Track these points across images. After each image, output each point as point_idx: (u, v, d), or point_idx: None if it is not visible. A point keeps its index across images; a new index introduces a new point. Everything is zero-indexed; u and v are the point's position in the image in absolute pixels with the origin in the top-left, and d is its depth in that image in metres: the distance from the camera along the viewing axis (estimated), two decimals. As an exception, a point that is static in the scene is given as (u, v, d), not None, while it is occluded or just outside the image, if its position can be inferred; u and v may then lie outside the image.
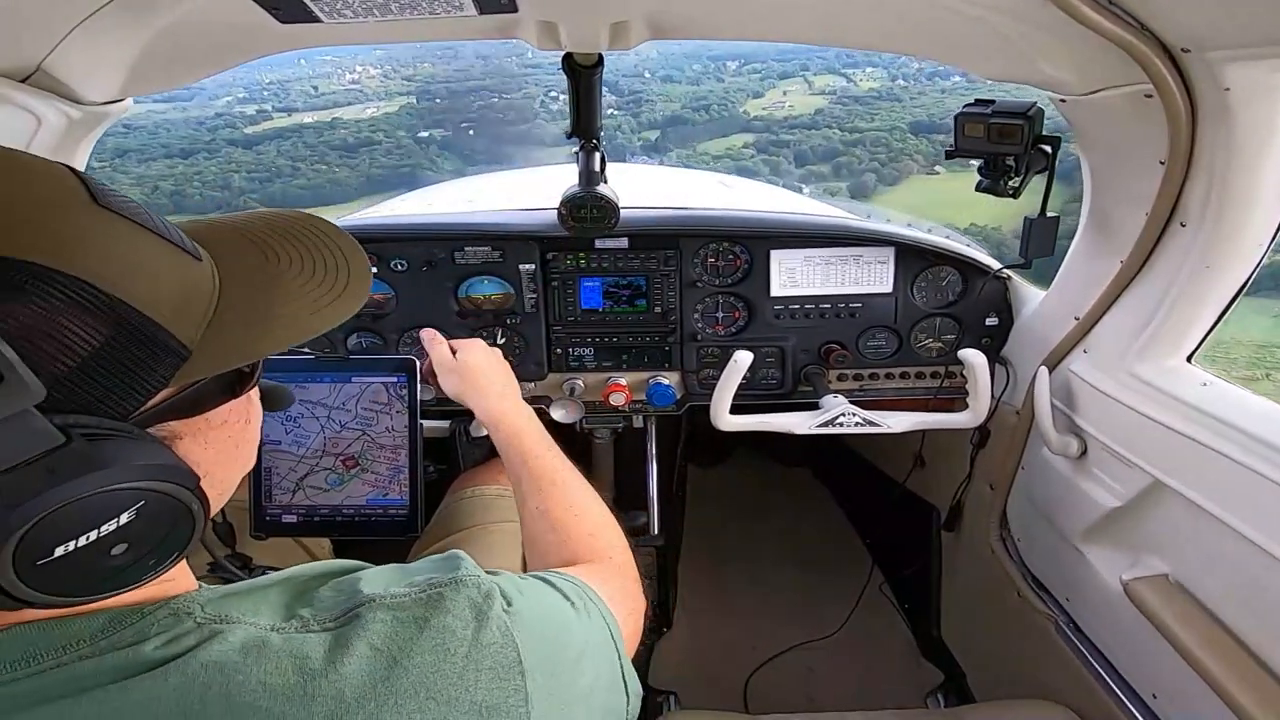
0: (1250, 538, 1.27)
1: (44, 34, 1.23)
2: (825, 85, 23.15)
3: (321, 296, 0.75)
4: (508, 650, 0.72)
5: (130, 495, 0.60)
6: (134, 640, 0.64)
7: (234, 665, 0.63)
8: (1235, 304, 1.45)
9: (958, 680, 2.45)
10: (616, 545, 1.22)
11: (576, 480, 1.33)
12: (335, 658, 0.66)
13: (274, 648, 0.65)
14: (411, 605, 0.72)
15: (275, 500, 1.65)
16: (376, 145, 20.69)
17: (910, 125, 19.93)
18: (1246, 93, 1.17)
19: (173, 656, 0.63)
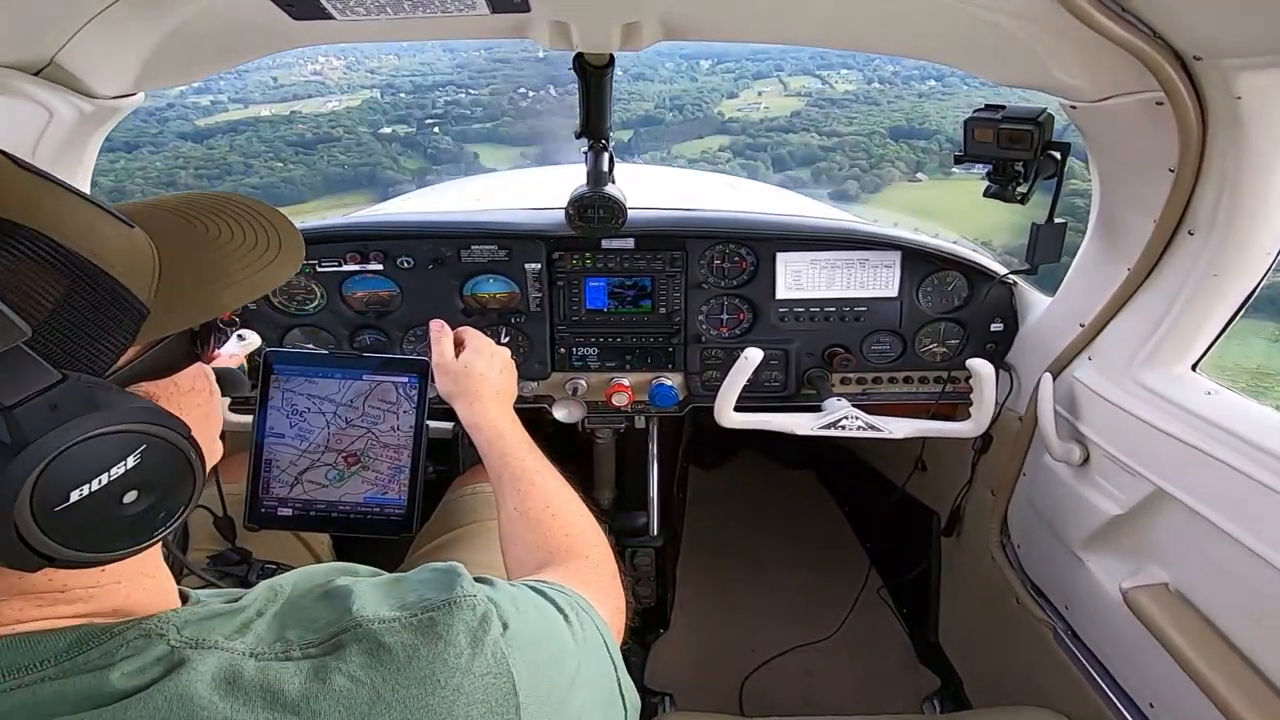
0: (1252, 548, 1.27)
1: (58, 27, 1.23)
2: (800, 86, 22.56)
3: (260, 259, 0.76)
4: (502, 681, 0.69)
5: (133, 438, 0.62)
6: (101, 664, 0.62)
7: (200, 700, 0.60)
8: (1242, 313, 1.45)
9: (954, 686, 2.45)
10: (594, 543, 1.21)
11: (556, 481, 1.33)
12: (311, 691, 0.63)
13: (246, 680, 0.63)
14: (400, 630, 0.69)
15: (272, 493, 1.65)
16: (335, 142, 19.61)
17: (890, 130, 19.51)
18: (1258, 101, 1.17)
19: (137, 688, 0.61)
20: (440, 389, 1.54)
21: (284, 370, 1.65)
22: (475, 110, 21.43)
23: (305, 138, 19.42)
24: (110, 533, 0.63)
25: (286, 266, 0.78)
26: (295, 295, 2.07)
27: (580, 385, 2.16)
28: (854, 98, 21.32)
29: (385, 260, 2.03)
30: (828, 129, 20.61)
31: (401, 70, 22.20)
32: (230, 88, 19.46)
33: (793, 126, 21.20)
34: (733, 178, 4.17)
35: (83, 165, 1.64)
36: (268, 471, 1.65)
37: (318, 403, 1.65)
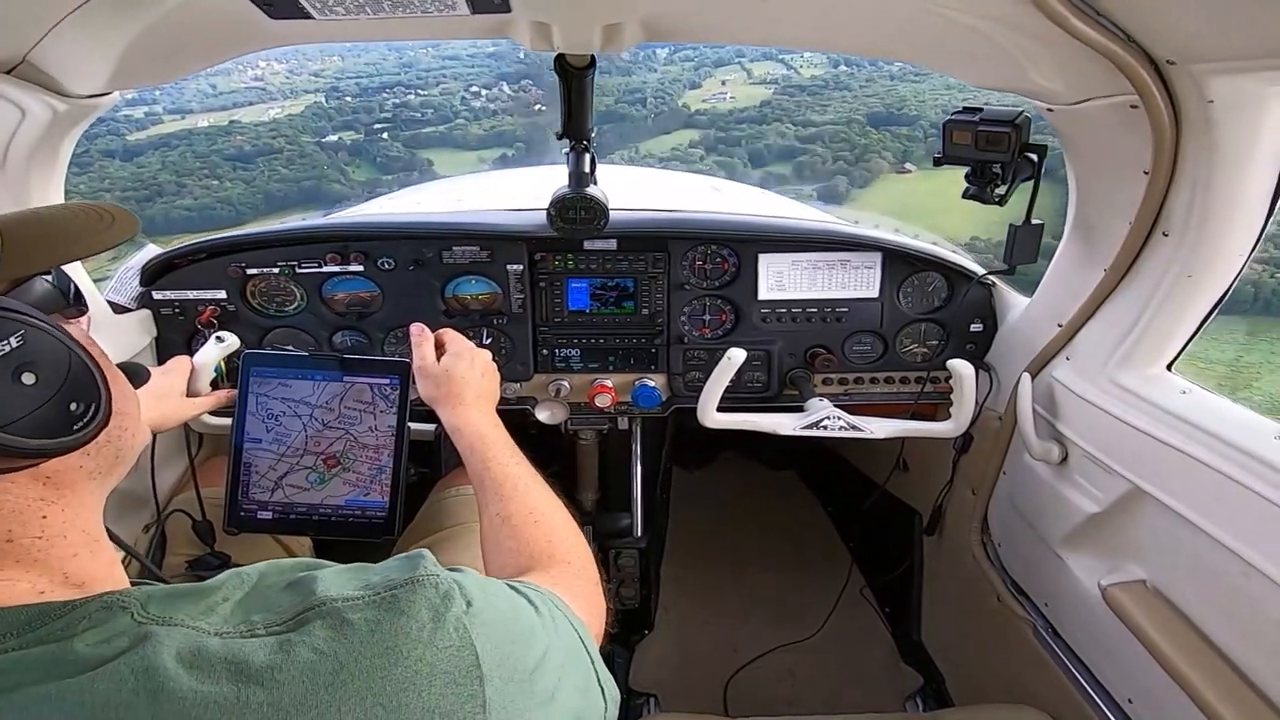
0: (1227, 545, 1.29)
1: (31, 25, 1.21)
2: (765, 73, 21.51)
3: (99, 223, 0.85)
4: (464, 654, 0.70)
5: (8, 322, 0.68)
6: (63, 634, 0.64)
7: (165, 672, 0.61)
8: (1215, 313, 1.47)
9: (937, 684, 2.47)
10: (575, 549, 1.21)
11: (538, 487, 1.33)
12: (275, 663, 0.64)
13: (210, 653, 0.64)
14: (364, 607, 0.70)
15: (252, 496, 1.63)
16: (277, 154, 18.05)
17: (868, 117, 18.73)
18: (1230, 105, 1.19)
19: (104, 658, 0.62)
20: (422, 393, 1.54)
21: (261, 373, 1.64)
22: (426, 112, 20.50)
23: (244, 150, 18.12)
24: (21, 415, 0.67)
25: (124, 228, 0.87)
26: (275, 297, 2.06)
27: (563, 386, 2.16)
28: (823, 83, 20.45)
29: (366, 261, 2.01)
30: (802, 118, 19.73)
31: (347, 72, 21.00)
32: (166, 98, 18.56)
33: (765, 117, 20.32)
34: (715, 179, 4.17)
35: (56, 165, 1.62)
36: (247, 475, 1.63)
37: (293, 405, 1.64)
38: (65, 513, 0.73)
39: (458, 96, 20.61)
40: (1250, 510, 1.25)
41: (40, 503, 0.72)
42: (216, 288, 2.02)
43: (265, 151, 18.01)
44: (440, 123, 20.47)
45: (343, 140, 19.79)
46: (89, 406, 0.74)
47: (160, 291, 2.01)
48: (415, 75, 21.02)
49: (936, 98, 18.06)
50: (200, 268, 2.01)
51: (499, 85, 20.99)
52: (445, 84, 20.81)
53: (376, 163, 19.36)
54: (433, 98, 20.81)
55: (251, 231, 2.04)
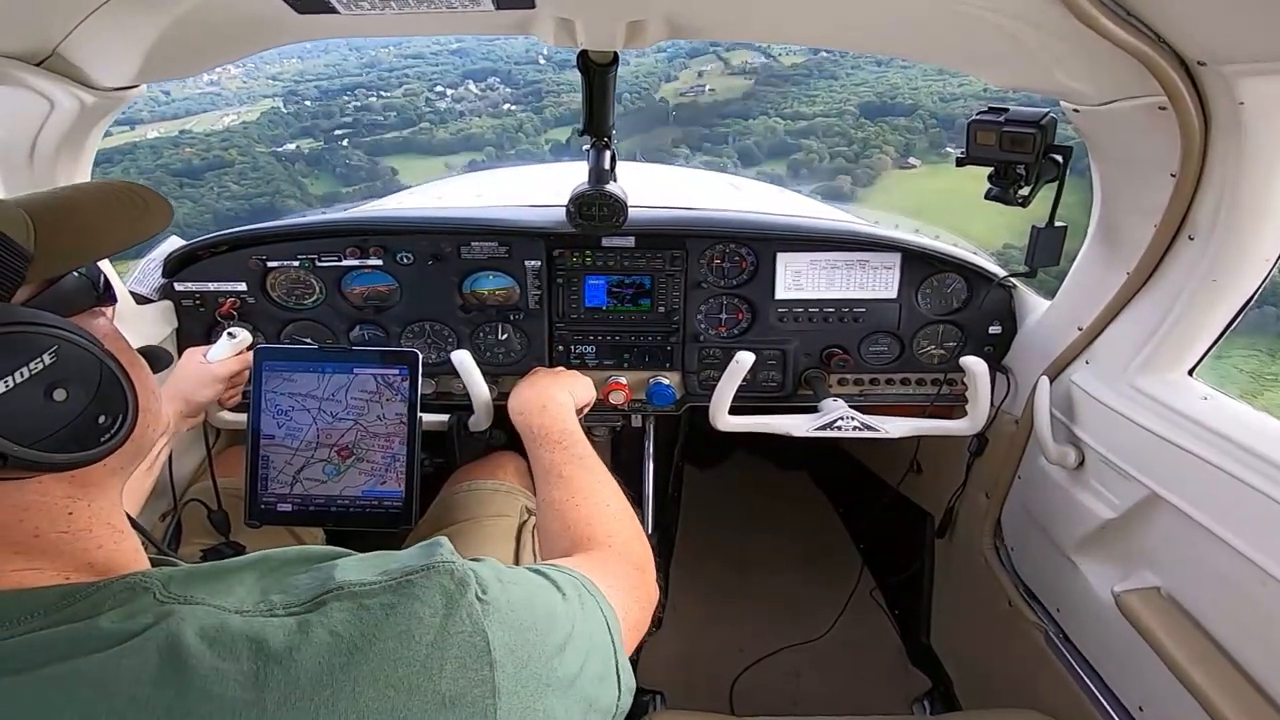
0: (1245, 554, 1.28)
1: (61, 18, 1.23)
2: (743, 62, 20.28)
3: (132, 214, 0.84)
4: (476, 639, 0.71)
5: (44, 339, 0.68)
6: (89, 613, 0.65)
7: (188, 649, 0.63)
8: (1240, 319, 1.46)
9: (944, 688, 2.46)
10: (617, 533, 1.23)
11: (584, 473, 1.37)
12: (294, 643, 0.65)
13: (232, 631, 0.65)
14: (380, 592, 0.71)
15: (271, 490, 1.65)
16: (228, 167, 16.80)
17: (860, 108, 17.79)
18: (1260, 107, 1.18)
19: (128, 635, 0.64)
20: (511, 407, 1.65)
21: (273, 366, 1.66)
22: (389, 116, 19.36)
23: (192, 164, 16.97)
24: (53, 430, 0.68)
25: (159, 218, 0.86)
26: (295, 290, 2.07)
27: (578, 383, 2.16)
28: (806, 71, 19.34)
29: (385, 255, 2.02)
30: (790, 111, 18.72)
31: (306, 74, 19.87)
32: (115, 107, 17.53)
33: (749, 111, 19.21)
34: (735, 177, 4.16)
35: (83, 156, 1.63)
36: (265, 469, 1.66)
37: (300, 400, 1.66)
38: (90, 508, 0.75)
39: (422, 98, 19.71)
40: (1270, 519, 1.24)
41: (67, 500, 0.73)
42: (237, 280, 2.03)
43: (215, 165, 16.99)
44: (404, 127, 19.50)
45: (300, 149, 18.73)
46: (117, 417, 0.75)
47: (182, 283, 2.03)
48: (377, 76, 19.93)
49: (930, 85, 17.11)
50: (222, 260, 2.03)
51: (465, 84, 19.91)
52: (409, 84, 19.82)
53: (336, 173, 18.28)
54: (395, 100, 19.77)
55: (273, 224, 2.06)
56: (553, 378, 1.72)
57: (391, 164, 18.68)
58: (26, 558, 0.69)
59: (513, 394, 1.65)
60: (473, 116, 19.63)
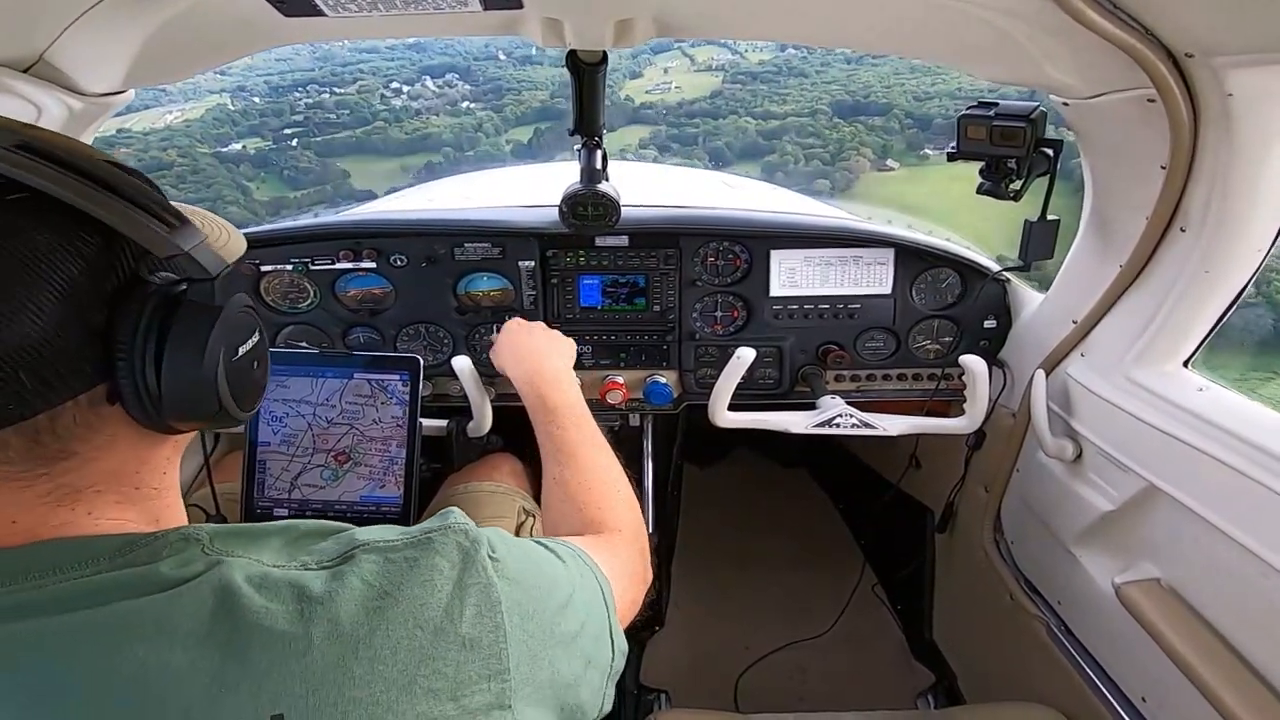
0: (1244, 543, 1.28)
1: (47, 24, 1.22)
2: (709, 60, 19.76)
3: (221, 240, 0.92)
4: (490, 590, 0.78)
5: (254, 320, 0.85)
6: (148, 559, 0.71)
7: (239, 589, 0.69)
8: (1233, 309, 1.46)
9: (948, 682, 2.46)
10: (626, 519, 1.26)
11: (596, 454, 1.38)
12: (331, 588, 0.72)
13: (275, 578, 0.72)
14: (403, 547, 0.78)
15: (268, 495, 1.65)
16: (165, 170, 15.72)
17: (833, 107, 17.31)
18: (1249, 98, 1.18)
19: (184, 579, 0.70)
20: (495, 362, 1.65)
21: (272, 371, 1.65)
22: (342, 114, 18.51)
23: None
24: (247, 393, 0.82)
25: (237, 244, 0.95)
26: (288, 294, 2.07)
27: (575, 383, 2.16)
28: (775, 69, 18.78)
29: (378, 258, 2.02)
30: (760, 110, 18.22)
31: (255, 69, 18.74)
32: (48, 107, 16.46)
33: (718, 110, 18.64)
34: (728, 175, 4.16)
35: None
36: (262, 474, 1.65)
37: (294, 405, 1.65)
38: (173, 474, 0.85)
39: (377, 94, 18.99)
40: (1267, 508, 1.24)
41: (167, 461, 0.83)
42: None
43: (152, 168, 15.60)
44: (357, 126, 18.75)
45: (246, 150, 17.85)
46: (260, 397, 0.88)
47: None
48: (331, 71, 19.14)
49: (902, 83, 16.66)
50: None
51: (422, 81, 19.29)
52: (363, 80, 19.09)
53: (284, 176, 17.49)
54: (349, 97, 19.03)
55: (265, 228, 2.06)
56: (549, 340, 1.68)
57: (344, 166, 18.00)
58: (121, 507, 0.76)
59: (508, 353, 1.61)
60: (430, 115, 19.01)
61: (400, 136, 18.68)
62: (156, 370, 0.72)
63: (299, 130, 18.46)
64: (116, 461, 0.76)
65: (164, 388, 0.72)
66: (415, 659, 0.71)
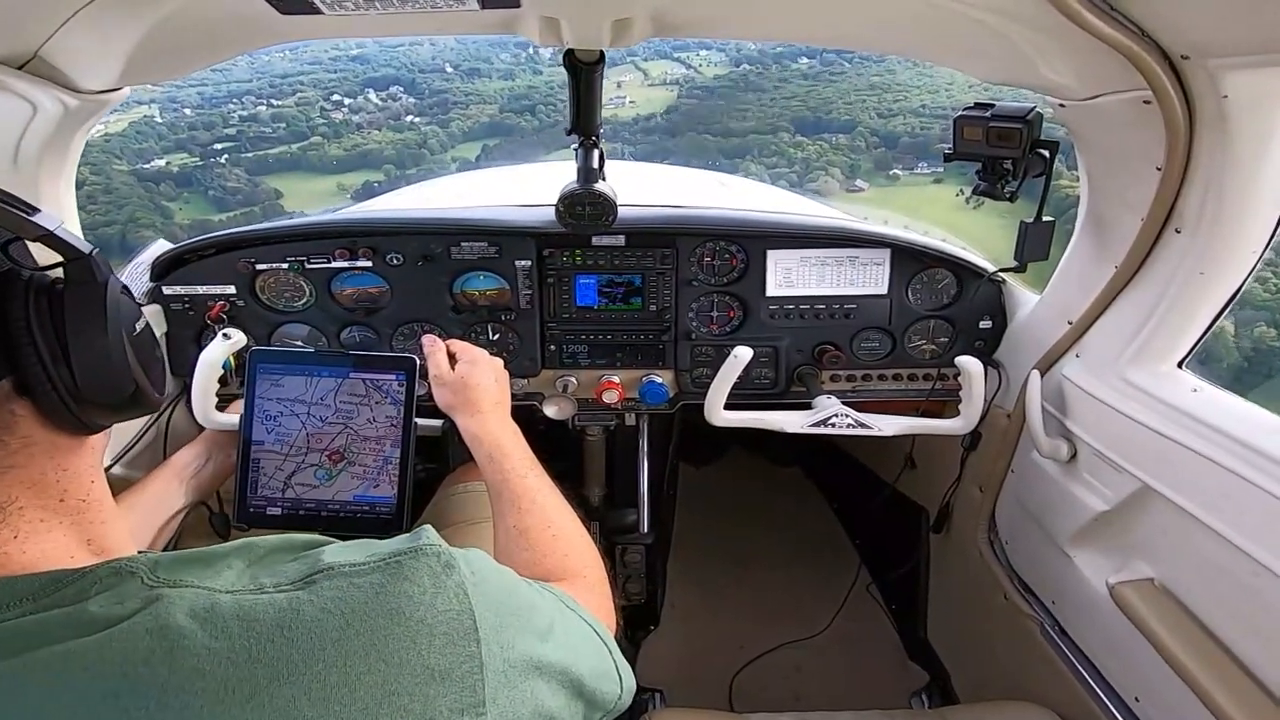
0: (1237, 544, 1.28)
1: (43, 21, 1.22)
2: (663, 74, 19.17)
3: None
4: (463, 617, 0.74)
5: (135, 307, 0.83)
6: (75, 598, 0.67)
7: (179, 630, 0.64)
8: (1227, 310, 1.46)
9: (943, 681, 2.47)
10: (590, 564, 1.24)
11: (555, 500, 1.35)
12: (284, 620, 0.67)
13: (222, 610, 0.66)
14: (369, 572, 0.73)
15: (261, 493, 1.65)
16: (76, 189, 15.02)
17: (794, 124, 16.77)
18: (1245, 100, 1.18)
19: (117, 618, 0.65)
20: (440, 401, 1.55)
21: (268, 369, 1.65)
22: (278, 128, 17.32)
23: None
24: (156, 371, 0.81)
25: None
26: (284, 292, 2.06)
27: (571, 382, 2.16)
28: (731, 83, 18.19)
29: (374, 257, 2.02)
30: (719, 126, 17.47)
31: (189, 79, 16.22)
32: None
33: (675, 127, 17.73)
34: (724, 175, 4.16)
35: (67, 160, 1.63)
36: (255, 472, 1.64)
37: (288, 405, 1.65)
38: (100, 485, 0.81)
39: (316, 107, 17.83)
40: (1260, 509, 1.24)
41: (91, 470, 0.80)
42: (226, 283, 2.02)
43: None
44: (294, 140, 17.47)
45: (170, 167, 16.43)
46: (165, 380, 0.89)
47: (170, 286, 2.02)
48: (269, 82, 17.86)
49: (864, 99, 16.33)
50: (210, 263, 2.01)
51: (365, 93, 18.32)
52: (303, 92, 17.89)
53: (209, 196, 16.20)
54: (287, 109, 17.77)
55: (261, 227, 2.05)
56: (499, 375, 1.59)
57: (276, 184, 16.72)
58: (47, 525, 0.73)
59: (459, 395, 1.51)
60: (371, 129, 18.10)
61: (338, 153, 17.63)
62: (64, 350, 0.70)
63: (230, 145, 17.14)
64: (36, 471, 0.73)
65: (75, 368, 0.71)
66: (377, 695, 0.66)
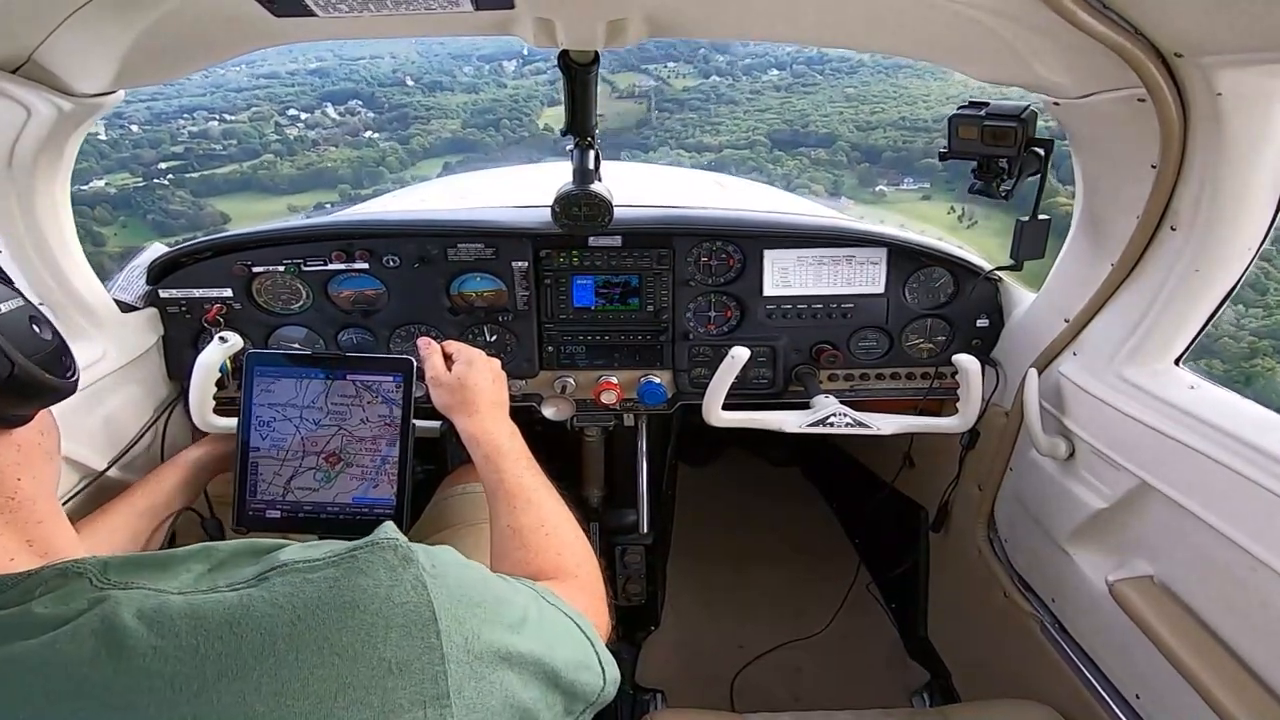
0: (1235, 540, 1.28)
1: (36, 24, 1.22)
2: (631, 86, 18.53)
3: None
4: (421, 609, 0.73)
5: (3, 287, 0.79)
6: (20, 599, 0.67)
7: (125, 630, 0.64)
8: (1223, 308, 1.46)
9: (943, 680, 2.46)
10: (585, 564, 1.24)
11: (551, 500, 1.35)
12: (234, 616, 0.66)
13: (171, 610, 0.66)
14: (323, 567, 0.73)
15: (260, 497, 1.64)
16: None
17: (770, 138, 16.24)
18: (1238, 98, 1.18)
19: (63, 620, 0.65)
20: (437, 402, 1.55)
21: (265, 372, 1.65)
22: (228, 145, 16.35)
23: None
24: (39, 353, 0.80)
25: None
26: (281, 295, 2.06)
27: (569, 383, 2.16)
28: (702, 96, 17.60)
29: (371, 259, 2.02)
30: (692, 141, 16.78)
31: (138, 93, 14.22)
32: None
33: (646, 141, 16.93)
34: (720, 175, 4.16)
35: (62, 164, 1.62)
36: (254, 475, 1.64)
37: (281, 410, 1.65)
38: (34, 482, 0.81)
39: (271, 122, 16.88)
40: (1258, 505, 1.24)
41: (16, 466, 0.79)
42: (222, 286, 2.02)
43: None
44: (244, 159, 16.50)
45: (108, 188, 15.43)
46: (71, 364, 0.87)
47: (166, 290, 2.01)
48: (222, 97, 16.89)
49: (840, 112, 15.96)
50: (206, 266, 2.01)
51: (322, 107, 17.54)
52: (257, 106, 16.95)
53: (148, 220, 15.22)
54: (239, 125, 16.79)
55: (257, 229, 2.05)
56: (495, 383, 1.58)
57: (222, 207, 15.63)
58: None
59: (456, 395, 1.51)
60: (328, 146, 17.30)
61: (290, 172, 16.65)
62: None
63: (176, 164, 16.13)
64: None
65: None
66: (331, 689, 0.65)
